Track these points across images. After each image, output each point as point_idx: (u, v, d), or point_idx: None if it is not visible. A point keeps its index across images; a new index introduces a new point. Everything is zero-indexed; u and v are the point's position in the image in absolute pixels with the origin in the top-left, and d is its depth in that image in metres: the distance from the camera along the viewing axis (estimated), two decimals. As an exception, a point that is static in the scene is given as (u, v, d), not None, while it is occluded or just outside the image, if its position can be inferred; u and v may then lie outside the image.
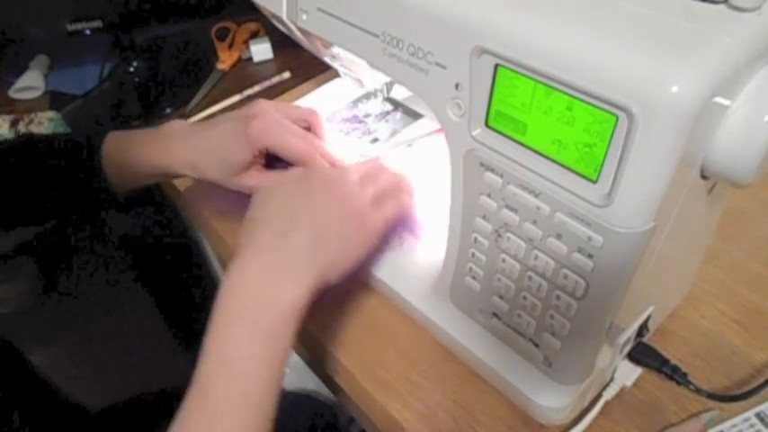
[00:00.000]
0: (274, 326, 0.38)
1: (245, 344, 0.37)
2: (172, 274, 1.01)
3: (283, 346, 0.38)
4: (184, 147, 0.52)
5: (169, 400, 0.37)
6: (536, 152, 0.32)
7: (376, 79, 0.61)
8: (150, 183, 0.57)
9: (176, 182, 0.64)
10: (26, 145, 0.56)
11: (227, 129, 0.52)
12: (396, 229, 0.52)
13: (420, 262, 0.50)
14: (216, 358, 0.37)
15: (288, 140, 0.52)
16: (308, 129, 0.57)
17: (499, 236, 0.37)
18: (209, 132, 0.53)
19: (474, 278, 0.41)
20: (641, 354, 0.43)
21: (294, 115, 0.56)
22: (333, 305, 0.51)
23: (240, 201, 0.50)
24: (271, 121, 0.52)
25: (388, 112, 0.67)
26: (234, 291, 0.38)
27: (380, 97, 0.67)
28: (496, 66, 0.31)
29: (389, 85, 0.63)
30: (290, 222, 0.41)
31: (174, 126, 0.54)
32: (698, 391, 0.41)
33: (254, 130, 0.50)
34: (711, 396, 0.41)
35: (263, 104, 0.53)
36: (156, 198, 0.71)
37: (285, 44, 0.73)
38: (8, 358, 0.61)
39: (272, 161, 0.55)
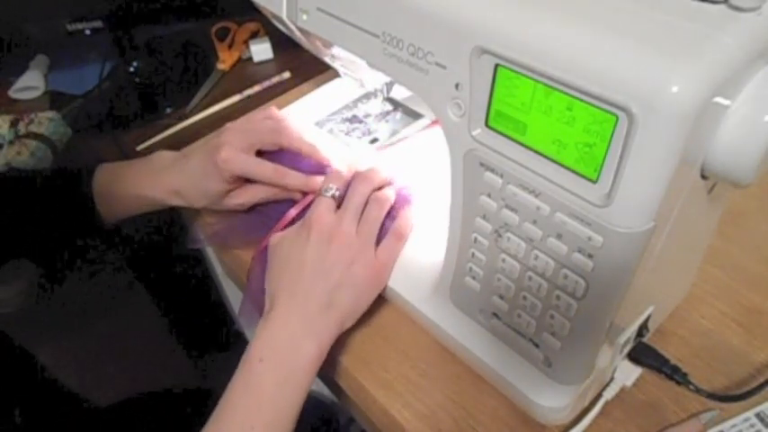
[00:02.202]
0: (298, 372, 0.42)
1: (275, 385, 0.41)
2: (172, 275, 1.01)
3: (303, 388, 0.42)
4: (171, 178, 0.55)
5: (173, 399, 0.38)
6: (536, 152, 0.32)
7: (376, 79, 0.61)
8: (136, 213, 0.58)
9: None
10: (7, 182, 0.56)
11: (199, 163, 0.54)
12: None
13: (420, 262, 0.50)
14: (245, 394, 0.41)
15: (253, 167, 0.54)
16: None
17: (499, 236, 0.37)
18: (186, 165, 0.55)
19: (474, 278, 0.41)
20: (641, 354, 0.43)
21: (263, 132, 0.56)
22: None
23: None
24: (236, 149, 0.53)
25: (388, 112, 0.67)
26: (265, 342, 0.42)
27: (380, 97, 0.67)
28: (496, 66, 0.31)
29: (389, 85, 0.63)
30: (303, 289, 0.44)
31: (163, 156, 0.56)
32: (698, 391, 0.41)
33: (221, 162, 0.52)
34: (711, 396, 0.41)
35: (228, 133, 0.54)
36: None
37: (285, 44, 0.73)
38: (14, 356, 0.61)
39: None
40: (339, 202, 0.49)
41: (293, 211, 0.55)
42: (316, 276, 0.45)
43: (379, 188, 0.52)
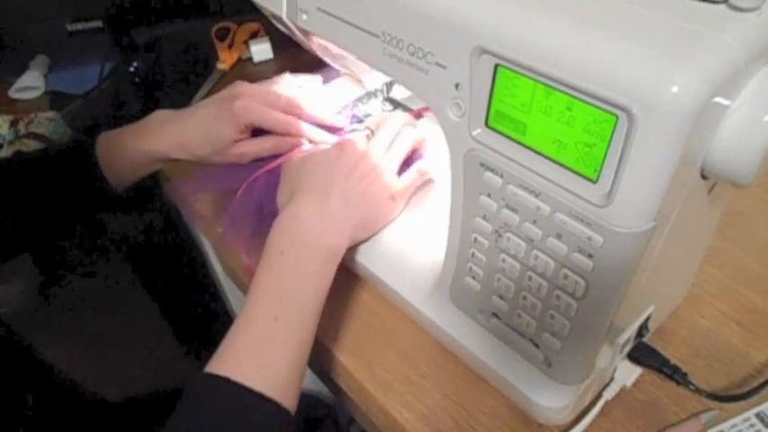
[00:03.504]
0: (318, 265, 0.43)
1: (296, 274, 0.42)
2: (172, 275, 1.01)
3: (326, 280, 0.44)
4: (173, 130, 0.56)
5: (178, 397, 0.38)
6: (536, 152, 0.32)
7: (376, 79, 0.61)
8: (146, 173, 0.59)
9: (175, 182, 0.64)
10: (17, 164, 0.57)
11: (213, 109, 0.56)
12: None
13: (420, 262, 0.50)
14: (266, 286, 0.42)
15: (271, 114, 0.56)
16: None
17: (499, 236, 0.37)
18: (196, 114, 0.57)
19: (474, 278, 0.41)
20: (641, 354, 0.43)
21: (271, 96, 0.59)
22: (333, 305, 0.51)
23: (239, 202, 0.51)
24: (254, 98, 0.55)
25: (388, 113, 0.67)
26: (285, 230, 0.44)
27: (380, 97, 0.67)
28: (496, 66, 0.31)
29: (389, 85, 0.63)
30: (328, 188, 0.47)
31: (161, 114, 0.58)
32: (698, 391, 0.41)
33: (238, 109, 0.54)
34: (711, 396, 0.41)
35: (245, 85, 0.57)
36: (156, 199, 0.71)
37: (285, 44, 0.73)
38: (21, 353, 0.62)
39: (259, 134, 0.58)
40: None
41: (281, 159, 0.56)
42: (342, 181, 0.47)
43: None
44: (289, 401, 0.39)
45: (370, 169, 0.49)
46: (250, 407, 0.37)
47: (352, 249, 0.52)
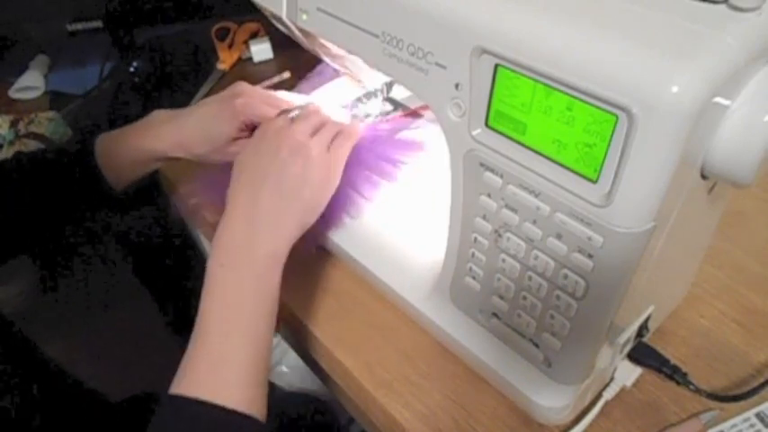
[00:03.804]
0: (260, 273, 0.43)
1: (236, 287, 0.42)
2: (171, 274, 1.01)
3: (270, 286, 0.43)
4: (171, 129, 0.56)
5: None
6: (536, 152, 0.32)
7: (376, 79, 0.61)
8: (145, 172, 0.59)
9: (175, 182, 0.64)
10: (16, 164, 0.57)
11: (213, 108, 0.56)
12: (348, 195, 0.55)
13: (420, 262, 0.50)
14: (212, 302, 0.41)
15: (272, 112, 0.55)
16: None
17: (499, 236, 0.37)
18: (195, 113, 0.57)
19: (474, 278, 0.41)
20: (641, 354, 0.43)
21: (272, 98, 0.59)
22: (333, 305, 0.51)
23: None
24: (254, 97, 0.56)
25: (388, 112, 0.67)
26: (223, 246, 0.43)
27: (380, 97, 0.67)
28: (496, 66, 0.31)
29: (389, 85, 0.63)
30: (257, 183, 0.45)
31: (160, 113, 0.58)
32: (698, 391, 0.41)
33: (239, 105, 0.54)
34: (711, 396, 0.41)
35: (246, 85, 0.57)
36: (155, 198, 0.71)
37: (285, 44, 0.73)
38: (25, 350, 0.62)
39: None
40: None
41: None
42: (269, 171, 0.45)
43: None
44: (258, 409, 0.39)
45: (295, 151, 0.46)
46: (221, 423, 0.38)
47: (352, 250, 0.52)
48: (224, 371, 0.39)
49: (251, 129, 0.57)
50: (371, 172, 0.56)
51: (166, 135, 0.56)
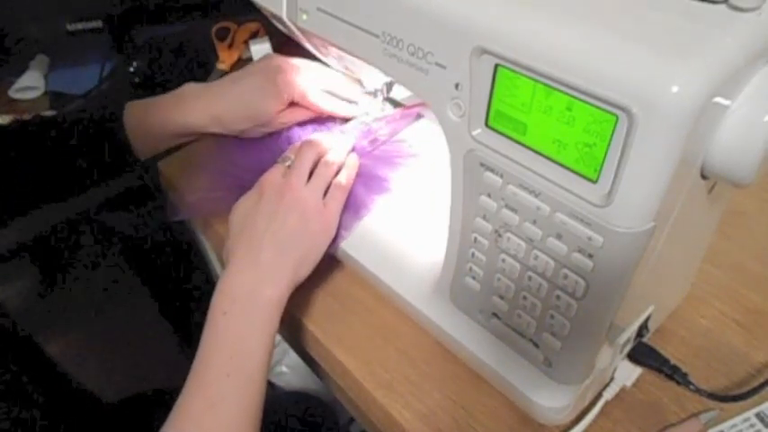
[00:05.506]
0: (260, 319, 0.44)
1: (238, 334, 0.43)
2: (172, 274, 1.01)
3: (270, 331, 0.45)
4: (206, 103, 0.56)
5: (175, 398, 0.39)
6: (536, 152, 0.32)
7: (376, 79, 0.61)
8: (170, 145, 0.60)
9: (175, 181, 0.64)
10: (40, 126, 0.57)
11: (255, 83, 0.56)
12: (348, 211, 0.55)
13: (420, 262, 0.50)
14: (213, 347, 0.43)
15: (312, 96, 0.57)
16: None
17: (499, 236, 0.37)
18: (235, 88, 0.57)
19: (474, 278, 0.41)
20: (641, 354, 0.43)
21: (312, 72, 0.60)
22: (333, 305, 0.51)
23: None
24: (292, 72, 0.56)
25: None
26: (227, 296, 0.45)
27: (380, 97, 0.67)
28: (496, 66, 0.31)
29: (389, 85, 0.63)
30: (257, 238, 0.47)
31: (192, 86, 0.58)
32: (698, 391, 0.41)
33: (282, 83, 0.55)
34: (711, 396, 0.41)
35: (280, 59, 0.58)
36: (155, 198, 0.71)
37: (285, 44, 0.73)
38: (25, 348, 0.62)
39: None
40: None
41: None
42: (268, 228, 0.47)
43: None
44: None
45: (292, 205, 0.48)
46: None
47: (352, 250, 0.52)
48: (222, 409, 0.40)
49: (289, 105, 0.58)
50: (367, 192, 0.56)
51: (199, 109, 0.56)
